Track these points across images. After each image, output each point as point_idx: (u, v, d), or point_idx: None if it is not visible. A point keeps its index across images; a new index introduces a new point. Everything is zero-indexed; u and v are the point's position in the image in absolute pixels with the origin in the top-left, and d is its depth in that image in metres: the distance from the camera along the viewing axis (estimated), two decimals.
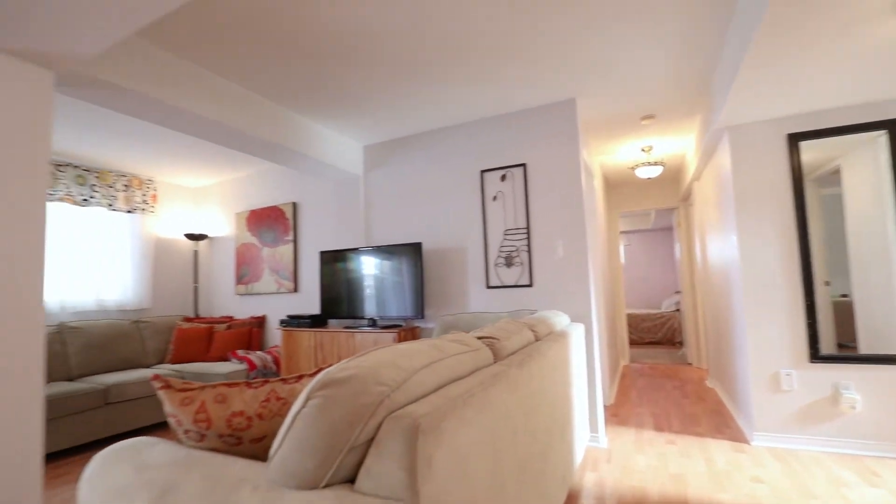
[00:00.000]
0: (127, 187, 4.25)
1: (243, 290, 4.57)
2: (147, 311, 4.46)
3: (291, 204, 4.31)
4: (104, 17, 1.60)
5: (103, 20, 1.61)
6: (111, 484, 1.06)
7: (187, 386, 1.09)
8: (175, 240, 4.77)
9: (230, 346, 4.12)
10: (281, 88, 2.86)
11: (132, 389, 3.36)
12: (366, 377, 0.80)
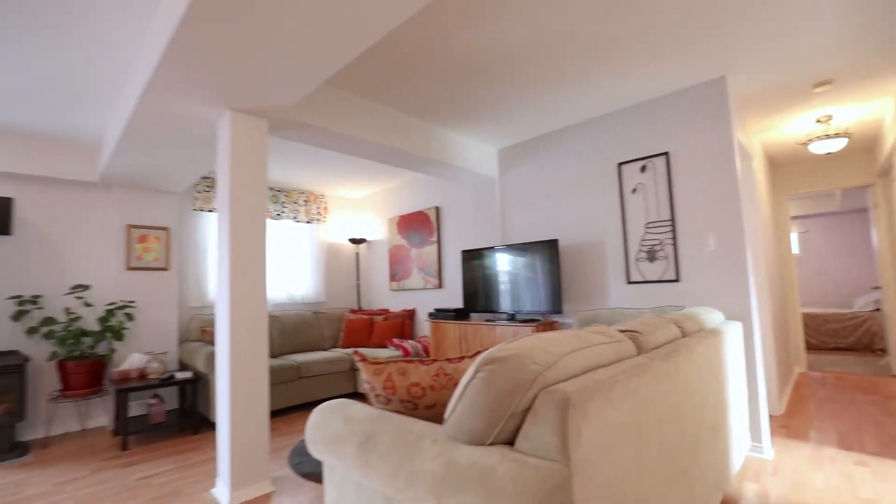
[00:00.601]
0: (306, 202, 5.18)
1: (396, 287, 5.18)
2: (323, 303, 5.35)
3: (435, 208, 4.74)
4: (300, 79, 2.07)
5: (299, 81, 2.09)
6: (328, 431, 1.43)
7: (377, 360, 1.40)
8: (341, 244, 5.63)
9: (387, 334, 4.72)
10: (426, 107, 3.22)
11: (317, 367, 4.11)
12: (522, 357, 0.98)
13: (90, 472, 2.82)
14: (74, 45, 2.25)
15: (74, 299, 3.72)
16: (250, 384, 2.40)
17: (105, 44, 2.26)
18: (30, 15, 2.01)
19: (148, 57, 2.14)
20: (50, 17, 2.03)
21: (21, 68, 2.46)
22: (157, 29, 2.00)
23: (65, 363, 3.37)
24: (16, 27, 2.10)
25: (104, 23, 2.09)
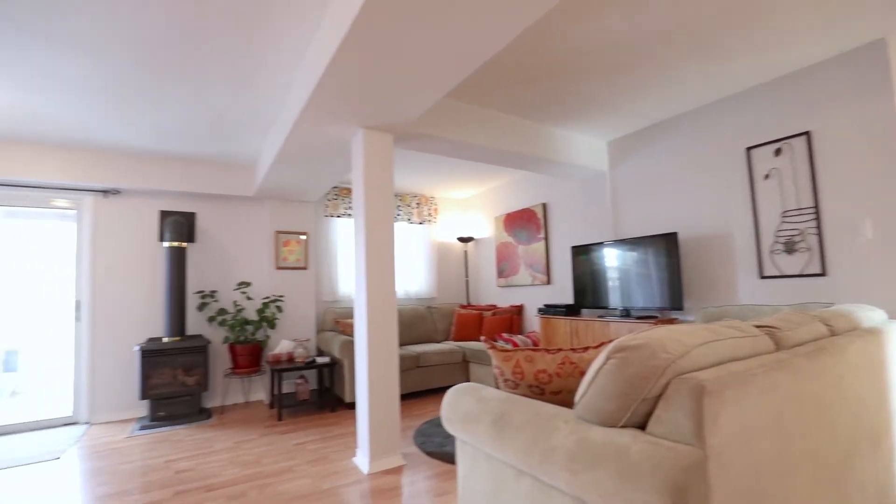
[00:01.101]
0: (418, 205, 5.57)
1: (503, 283, 5.32)
2: (435, 299, 5.70)
3: (542, 205, 4.78)
4: (423, 96, 2.30)
5: (422, 98, 2.32)
6: (462, 409, 1.61)
7: (506, 348, 1.54)
8: (450, 243, 5.93)
9: (496, 329, 4.88)
10: (534, 107, 3.30)
11: (433, 357, 4.42)
12: (654, 345, 1.04)
13: (258, 435, 3.41)
14: (240, 91, 2.76)
15: (239, 294, 4.50)
16: (384, 369, 2.72)
17: (263, 88, 2.73)
18: (209, 72, 2.53)
19: (298, 94, 2.55)
20: (223, 72, 2.53)
21: (202, 111, 3.08)
22: (306, 72, 2.38)
23: (234, 346, 4.10)
24: (200, 82, 2.65)
25: (262, 73, 2.54)
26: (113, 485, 2.58)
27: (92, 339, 3.92)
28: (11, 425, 3.70)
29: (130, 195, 4.14)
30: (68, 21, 2.08)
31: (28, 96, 2.81)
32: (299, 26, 2.18)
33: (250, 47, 2.35)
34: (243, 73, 2.61)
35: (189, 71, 2.57)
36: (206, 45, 2.32)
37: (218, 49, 2.36)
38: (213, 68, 2.55)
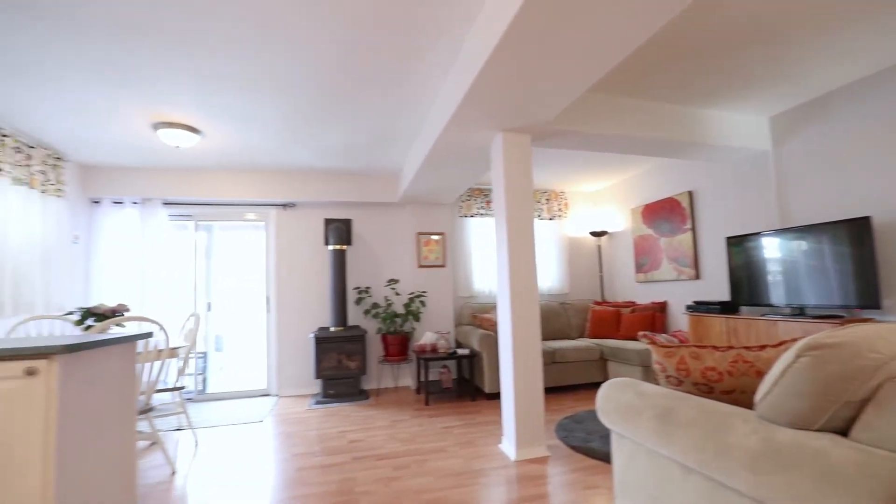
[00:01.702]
0: (548, 200, 5.56)
1: (643, 278, 5.03)
2: (567, 295, 5.63)
3: (687, 193, 4.41)
4: (563, 95, 2.34)
5: (562, 97, 2.36)
6: (620, 402, 1.63)
7: (668, 344, 1.52)
8: (582, 237, 5.79)
9: (636, 327, 4.65)
10: (679, 90, 3.08)
11: (569, 354, 4.39)
12: (858, 344, 0.96)
13: (409, 416, 3.79)
14: (389, 113, 3.11)
15: (389, 290, 5.03)
16: (527, 363, 2.83)
17: (408, 108, 3.04)
18: (366, 100, 2.90)
19: (442, 109, 2.79)
20: (376, 99, 2.88)
21: (358, 132, 3.53)
22: (450, 89, 2.59)
23: (386, 336, 4.60)
24: (358, 109, 3.05)
25: (409, 96, 2.83)
26: (303, 446, 3.13)
27: (278, 327, 4.76)
28: (225, 393, 4.70)
29: (303, 207, 4.92)
30: (264, 69, 2.60)
31: (234, 133, 3.55)
32: (444, 52, 2.40)
33: (400, 76, 2.65)
34: (393, 98, 2.95)
35: (350, 101, 2.99)
36: (364, 79, 2.68)
37: (374, 81, 2.71)
38: (368, 97, 2.93)
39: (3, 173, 3.07)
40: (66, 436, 1.59)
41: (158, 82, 2.69)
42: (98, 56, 2.38)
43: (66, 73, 2.54)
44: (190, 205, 4.62)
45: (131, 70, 2.54)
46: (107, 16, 2.06)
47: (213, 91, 2.82)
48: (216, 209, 4.74)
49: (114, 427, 1.92)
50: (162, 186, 4.38)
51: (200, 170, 4.47)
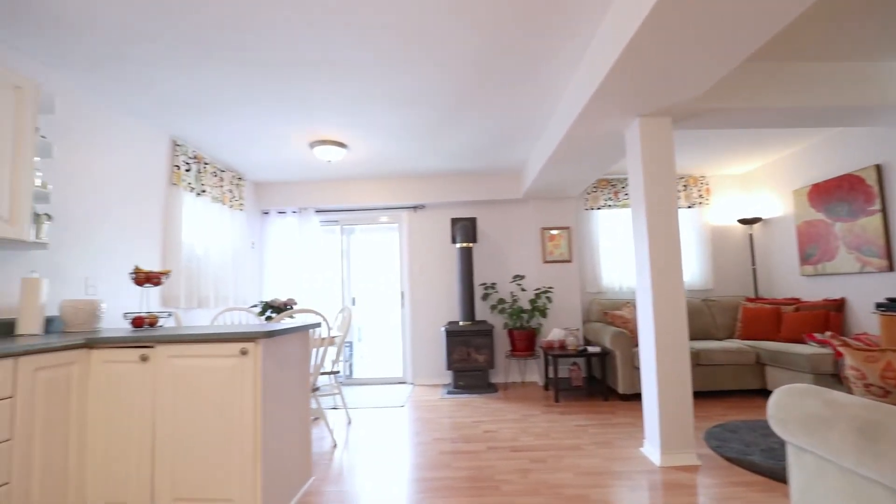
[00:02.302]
0: (685, 187, 5.06)
1: (811, 271, 4.30)
2: (710, 291, 5.07)
3: (874, 167, 3.65)
4: (711, 70, 2.12)
5: (710, 72, 2.14)
6: (802, 412, 1.44)
7: (868, 347, 1.31)
8: (728, 226, 5.16)
9: (802, 327, 4.00)
10: (860, 43, 2.57)
11: (716, 356, 3.96)
12: None
13: (540, 412, 3.79)
14: (513, 113, 3.14)
15: (515, 286, 5.09)
16: (673, 363, 2.64)
17: (533, 107, 3.03)
18: (491, 104, 2.96)
19: (572, 101, 2.73)
20: (502, 101, 2.92)
21: (483, 134, 3.63)
22: (581, 81, 2.53)
23: (512, 332, 4.66)
24: (483, 113, 3.13)
25: (534, 96, 2.81)
26: (441, 432, 3.34)
27: (412, 320, 5.13)
28: (367, 378, 5.22)
29: (431, 208, 5.23)
30: (404, 84, 2.82)
31: (374, 145, 3.92)
32: (575, 46, 2.35)
33: (529, 75, 2.66)
34: (520, 97, 2.97)
35: (479, 104, 3.09)
36: (494, 81, 2.76)
37: (503, 83, 2.77)
38: (497, 98, 3.00)
39: (206, 194, 3.83)
40: (266, 401, 1.94)
41: (317, 107, 3.10)
42: (273, 92, 2.84)
43: (248, 109, 3.08)
44: (336, 211, 5.23)
45: (298, 100, 2.97)
46: (284, 56, 2.44)
47: (360, 109, 3.16)
48: (357, 214, 5.29)
49: (294, 400, 2.28)
50: (315, 196, 5.03)
51: (345, 180, 5.02)
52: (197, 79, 2.66)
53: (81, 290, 2.66)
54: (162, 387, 1.90)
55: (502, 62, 2.57)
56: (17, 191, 1.94)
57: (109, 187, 2.91)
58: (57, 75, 2.54)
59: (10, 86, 1.93)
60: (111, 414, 1.91)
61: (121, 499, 1.89)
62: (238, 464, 1.86)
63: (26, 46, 2.26)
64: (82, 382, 1.90)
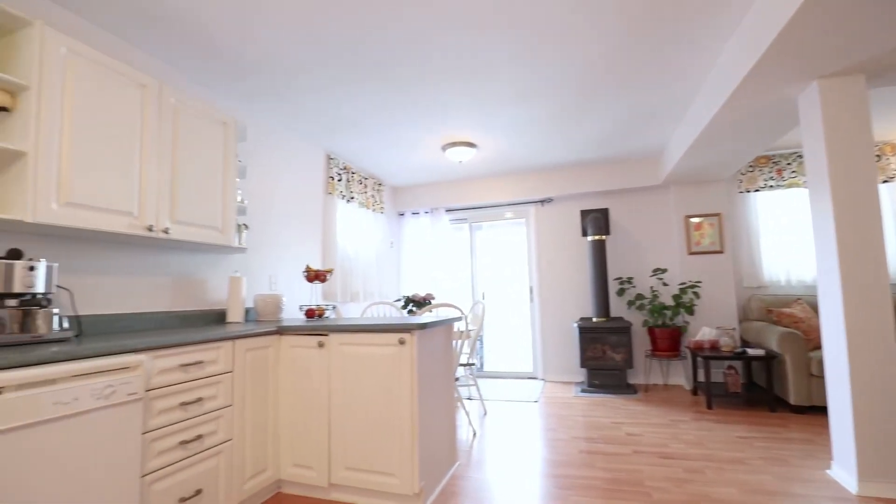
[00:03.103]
0: (878, 157, 4.13)
1: None
2: None
3: None
4: None
5: None
6: None
7: None
8: None
9: None
10: None
11: None
12: None
13: (690, 418, 3.45)
14: (652, 92, 2.89)
15: (655, 280, 4.71)
16: (873, 369, 2.19)
17: (676, 83, 2.75)
18: (625, 86, 2.77)
19: (727, 71, 2.42)
20: (637, 83, 2.71)
21: (615, 120, 3.41)
22: (741, 44, 2.23)
23: (653, 329, 4.32)
24: (613, 98, 2.94)
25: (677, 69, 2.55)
26: (578, 430, 3.25)
27: (542, 315, 5.08)
28: (497, 372, 5.32)
29: (559, 201, 5.11)
30: (533, 79, 2.81)
31: (503, 142, 3.97)
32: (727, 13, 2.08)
33: (665, 56, 2.43)
34: (656, 79, 2.73)
35: (611, 90, 2.93)
36: (623, 67, 2.58)
37: (635, 67, 2.58)
38: (630, 83, 2.80)
39: (354, 200, 4.30)
40: (421, 387, 2.12)
41: (450, 111, 3.26)
42: (408, 102, 3.06)
43: (386, 120, 3.37)
44: (464, 209, 5.42)
45: (431, 107, 3.16)
46: (418, 69, 2.62)
47: (490, 109, 3.24)
48: (484, 211, 5.41)
49: (441, 388, 2.44)
50: (445, 197, 5.29)
51: (472, 179, 5.18)
52: (346, 99, 3.01)
53: (266, 286, 3.20)
54: (335, 369, 2.20)
55: (639, 43, 2.40)
56: (226, 207, 2.42)
57: (282, 199, 3.45)
58: (245, 108, 3.08)
59: (219, 122, 2.41)
60: (296, 389, 2.28)
61: (305, 461, 2.24)
62: (398, 442, 2.06)
63: (222, 87, 2.80)
64: (275, 362, 2.29)
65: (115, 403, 1.49)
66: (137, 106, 1.96)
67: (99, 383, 1.45)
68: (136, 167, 1.95)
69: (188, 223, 2.20)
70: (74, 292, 2.00)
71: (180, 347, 1.77)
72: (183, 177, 2.18)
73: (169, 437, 1.71)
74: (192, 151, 2.23)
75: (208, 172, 2.32)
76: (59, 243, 1.95)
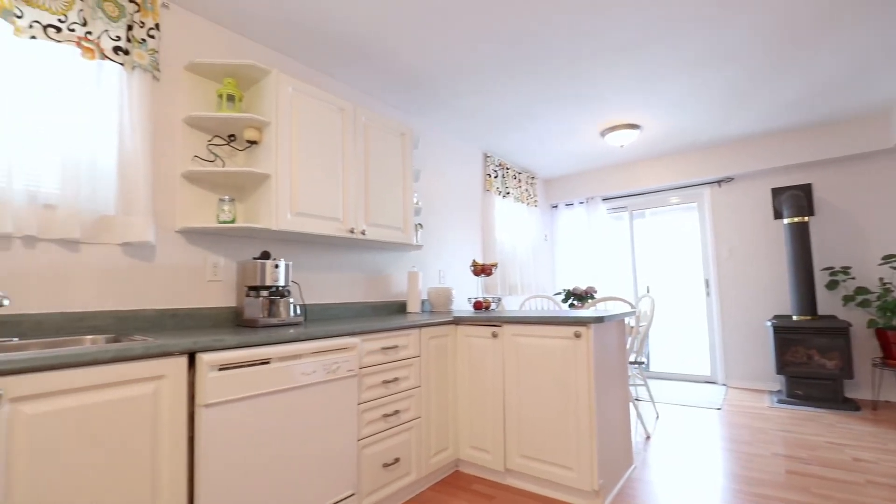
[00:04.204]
0: None
1: None
2: None
3: None
4: None
5: None
6: None
7: None
8: None
9: None
10: None
11: None
12: None
13: None
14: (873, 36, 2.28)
15: (887, 269, 3.75)
16: None
17: None
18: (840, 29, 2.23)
19: None
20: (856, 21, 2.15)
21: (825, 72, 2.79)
22: None
23: (884, 332, 3.44)
24: (822, 47, 2.39)
25: None
26: (780, 446, 2.78)
27: (721, 311, 4.47)
28: (667, 373, 4.85)
29: (742, 179, 4.42)
30: (705, 47, 2.47)
31: (669, 119, 3.60)
32: None
33: None
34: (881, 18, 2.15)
35: (807, 46, 2.41)
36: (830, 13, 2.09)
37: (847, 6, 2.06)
38: (841, 27, 2.26)
39: (510, 195, 4.38)
40: (597, 382, 2.06)
41: (607, 94, 3.08)
42: (561, 92, 2.99)
43: (539, 113, 3.33)
44: (623, 197, 5.08)
45: (586, 93, 3.03)
46: (568, 56, 2.54)
47: (652, 85, 2.97)
48: (646, 198, 4.99)
49: (616, 386, 2.34)
50: (601, 185, 5.02)
51: (633, 163, 4.82)
52: (500, 97, 3.07)
53: (436, 280, 3.48)
54: (508, 359, 2.28)
55: None
56: (406, 208, 2.70)
57: (446, 198, 3.69)
58: (412, 117, 3.39)
59: (398, 133, 2.70)
60: (471, 376, 2.43)
61: (482, 444, 2.37)
62: (574, 436, 2.05)
63: (401, 104, 3.12)
64: (453, 350, 2.48)
65: (339, 377, 1.80)
66: (339, 127, 2.32)
67: (328, 360, 1.76)
68: (340, 179, 2.30)
69: (378, 225, 2.51)
70: (300, 285, 2.46)
71: (382, 333, 2.04)
72: (372, 185, 2.50)
73: (374, 410, 1.99)
74: (378, 161, 2.55)
75: (391, 179, 2.62)
76: (288, 246, 2.41)
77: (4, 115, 1.50)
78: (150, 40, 1.86)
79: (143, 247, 1.86)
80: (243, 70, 2.03)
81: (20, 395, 1.08)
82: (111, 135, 1.78)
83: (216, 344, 1.44)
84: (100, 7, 1.72)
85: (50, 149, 1.62)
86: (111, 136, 1.78)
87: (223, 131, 2.10)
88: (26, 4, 1.56)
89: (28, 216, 1.54)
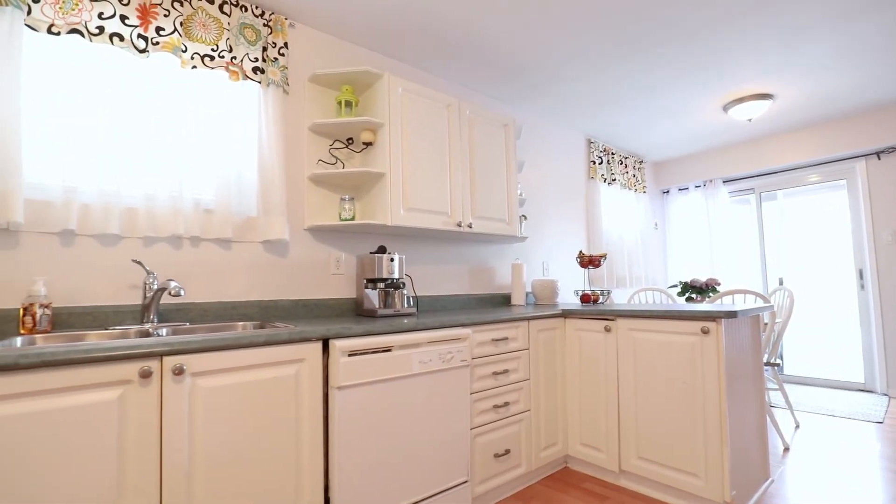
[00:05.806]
0: None
1: None
2: None
3: None
4: None
5: None
6: None
7: None
8: None
9: None
10: None
11: None
12: None
13: None
14: None
15: None
16: None
17: None
18: None
19: None
20: None
21: None
22: None
23: None
24: None
25: None
26: None
27: (881, 307, 3.78)
28: (806, 377, 4.23)
29: None
30: None
31: (810, 84, 3.11)
32: None
33: None
34: None
35: None
36: None
37: None
38: None
39: (616, 182, 4.14)
40: (729, 382, 1.87)
41: (731, 64, 2.74)
42: (675, 67, 2.72)
43: (648, 93, 3.07)
44: (748, 178, 4.51)
45: (705, 64, 2.73)
46: (685, 27, 2.29)
47: (788, 46, 2.57)
48: (776, 177, 4.37)
49: (750, 389, 2.10)
50: (721, 166, 4.52)
51: (759, 140, 4.26)
52: (604, 80, 2.90)
53: (540, 272, 3.41)
54: (623, 355, 2.17)
55: None
56: (510, 200, 2.69)
57: (549, 188, 3.60)
58: (513, 107, 3.34)
59: (500, 125, 2.69)
60: (582, 371, 2.35)
61: (594, 442, 2.29)
62: (702, 441, 1.88)
63: (501, 95, 3.11)
64: (561, 343, 2.42)
65: (453, 367, 1.86)
66: (444, 123, 2.37)
67: (443, 349, 1.82)
68: (447, 173, 2.35)
69: (484, 218, 2.53)
70: (412, 278, 2.58)
71: (492, 325, 2.07)
72: (477, 178, 2.52)
73: (485, 401, 2.02)
74: (482, 154, 2.56)
75: (495, 171, 2.62)
76: (400, 240, 2.54)
77: (176, 137, 1.78)
78: (281, 58, 2.07)
79: (280, 244, 2.09)
80: (358, 76, 2.16)
81: (199, 371, 1.28)
82: (251, 145, 2.02)
83: (346, 332, 1.57)
84: (241, 34, 1.96)
85: (207, 163, 1.89)
86: (251, 146, 2.02)
87: (342, 135, 2.26)
88: (188, 40, 1.83)
89: (194, 220, 1.82)
